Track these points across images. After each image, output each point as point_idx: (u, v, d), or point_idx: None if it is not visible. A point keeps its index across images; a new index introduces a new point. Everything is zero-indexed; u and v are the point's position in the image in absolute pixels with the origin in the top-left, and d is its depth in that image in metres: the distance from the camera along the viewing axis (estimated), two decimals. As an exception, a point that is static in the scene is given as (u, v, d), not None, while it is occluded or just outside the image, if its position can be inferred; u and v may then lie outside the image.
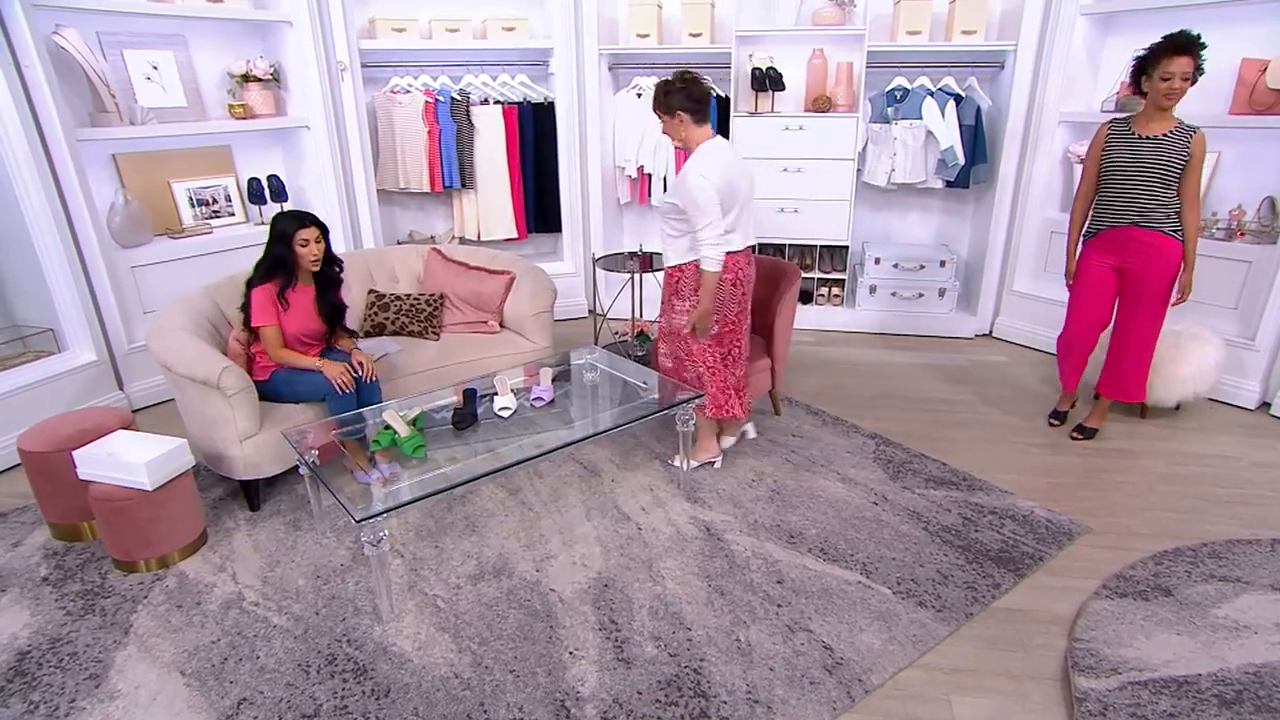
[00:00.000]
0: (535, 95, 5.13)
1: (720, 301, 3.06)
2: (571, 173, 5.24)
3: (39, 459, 2.82)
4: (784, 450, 3.54)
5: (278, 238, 3.05)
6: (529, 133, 5.14)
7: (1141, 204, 3.22)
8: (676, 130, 2.96)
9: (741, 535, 2.90)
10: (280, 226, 3.05)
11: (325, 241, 3.13)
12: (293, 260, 3.06)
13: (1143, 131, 3.18)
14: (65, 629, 2.46)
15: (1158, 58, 3.03)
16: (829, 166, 4.81)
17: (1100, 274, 3.40)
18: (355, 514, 2.24)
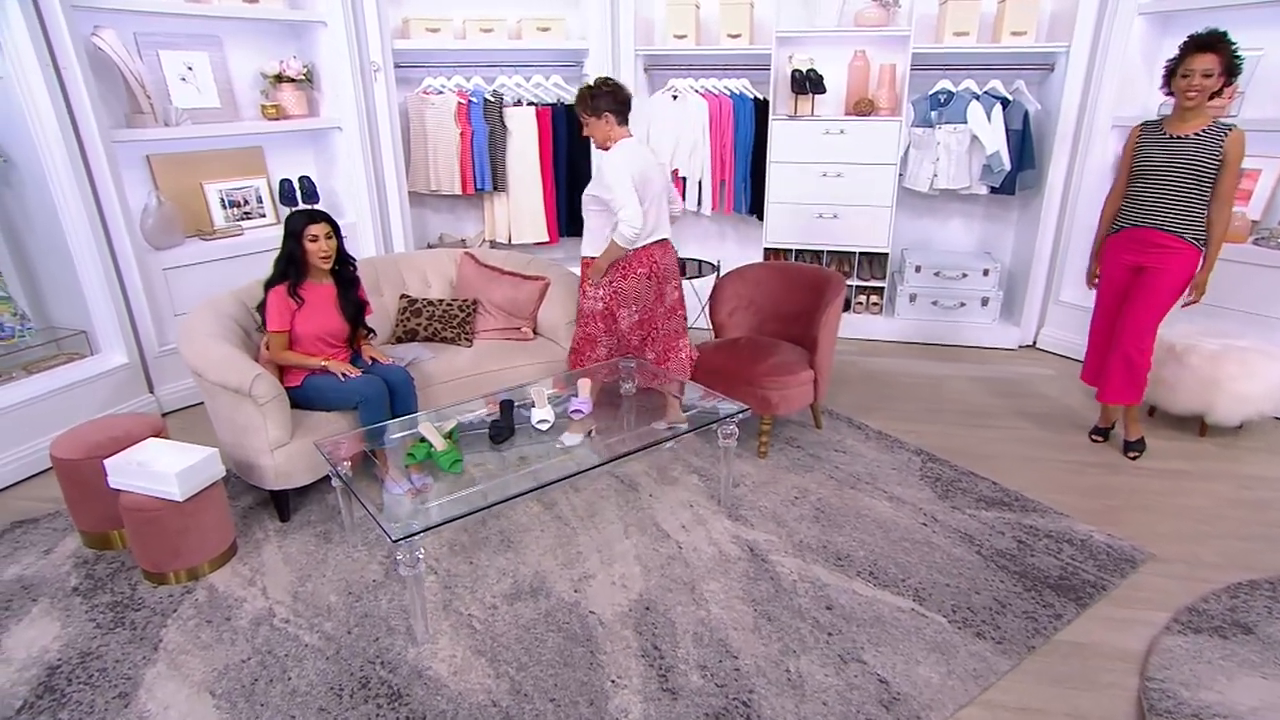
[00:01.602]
0: (569, 97, 5.03)
1: (637, 291, 3.32)
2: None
3: (71, 466, 2.76)
4: (827, 466, 3.42)
5: (288, 234, 3.04)
6: (562, 135, 5.05)
7: (1168, 205, 3.12)
8: (601, 130, 3.19)
9: (786, 556, 2.78)
10: (291, 223, 3.04)
11: (337, 239, 3.08)
12: (302, 256, 3.03)
13: (1174, 131, 3.09)
14: (95, 643, 2.40)
15: (1181, 56, 2.99)
16: (870, 171, 4.67)
17: (1117, 274, 3.33)
18: (392, 533, 2.15)
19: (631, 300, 3.33)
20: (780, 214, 4.90)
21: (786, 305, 3.80)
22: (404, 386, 3.14)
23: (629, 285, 3.30)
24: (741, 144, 4.97)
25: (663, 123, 5.06)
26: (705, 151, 5.00)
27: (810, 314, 3.61)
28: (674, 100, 5.00)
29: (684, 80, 4.95)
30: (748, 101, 4.88)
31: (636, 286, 3.30)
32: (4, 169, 3.51)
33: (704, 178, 5.08)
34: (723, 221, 5.53)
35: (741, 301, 3.85)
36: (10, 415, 3.33)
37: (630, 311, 3.36)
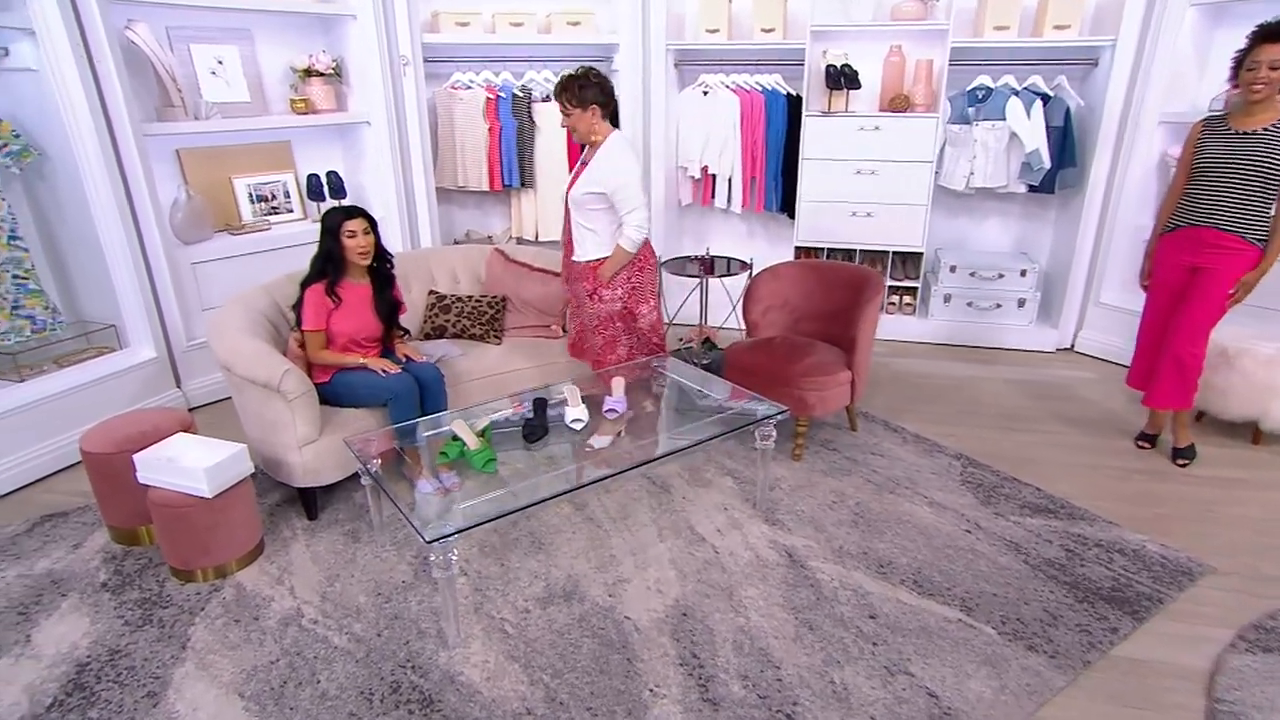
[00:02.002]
0: (598, 93, 4.95)
1: (654, 282, 3.32)
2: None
3: (100, 460, 2.73)
4: (864, 470, 3.32)
5: (326, 232, 2.98)
6: (590, 131, 4.97)
7: (1230, 204, 2.99)
8: (585, 123, 3.06)
9: (826, 563, 2.69)
10: (328, 220, 2.98)
11: (375, 234, 3.03)
12: (340, 254, 2.97)
13: (1240, 126, 2.96)
14: (124, 640, 2.36)
15: (1248, 47, 2.86)
16: (904, 169, 4.56)
17: (1172, 274, 3.19)
18: (425, 534, 2.08)
19: (650, 294, 3.29)
20: (812, 212, 4.80)
21: (822, 304, 3.70)
22: (434, 384, 3.08)
23: (646, 278, 3.26)
24: (773, 141, 4.87)
25: (692, 119, 4.98)
26: (736, 148, 4.90)
27: (847, 313, 3.51)
28: (704, 96, 4.92)
29: (715, 75, 4.86)
30: (780, 97, 4.78)
31: (654, 277, 3.31)
32: (38, 162, 3.49)
33: (734, 175, 4.98)
34: (752, 220, 5.43)
35: (776, 300, 3.76)
36: (41, 409, 3.30)
37: (649, 308, 3.30)
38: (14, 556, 2.78)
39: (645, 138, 5.02)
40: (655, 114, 4.94)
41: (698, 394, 3.19)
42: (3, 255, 3.32)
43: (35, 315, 3.48)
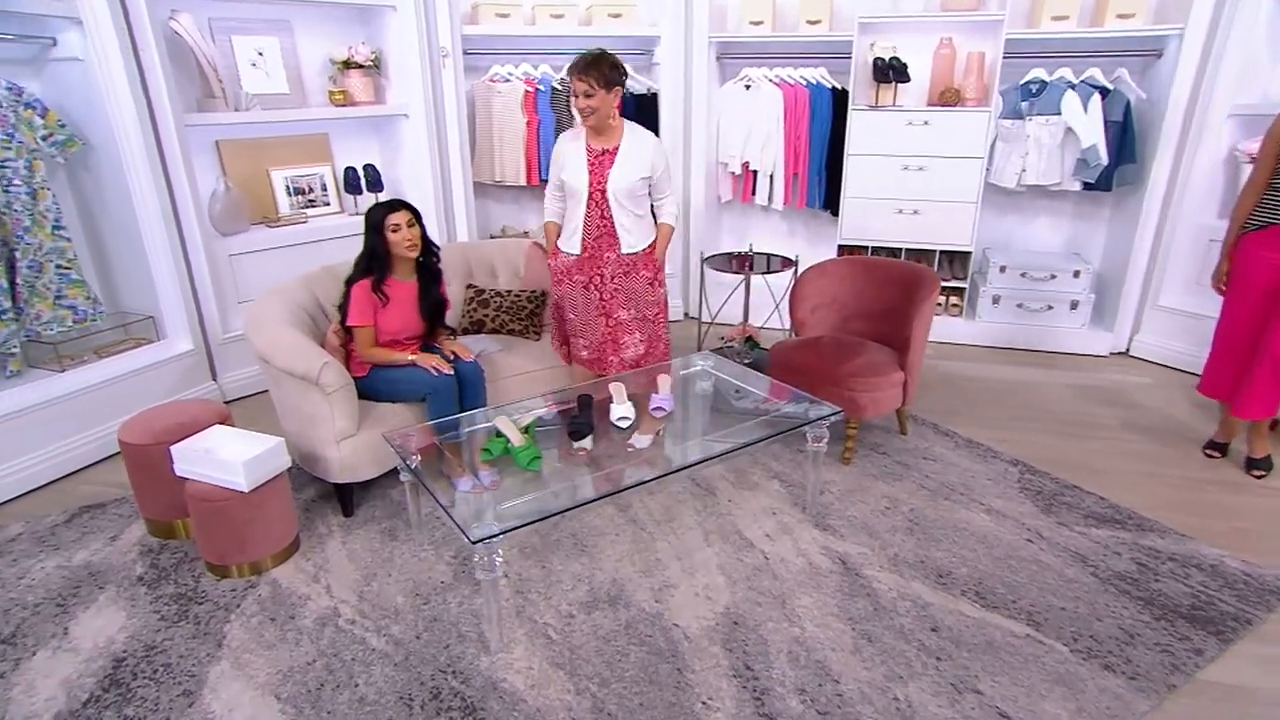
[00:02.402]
0: (638, 86, 4.85)
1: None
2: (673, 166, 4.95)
3: (138, 452, 2.67)
4: (916, 475, 3.18)
5: (370, 228, 2.89)
6: (630, 126, 4.87)
7: None
8: (609, 106, 2.89)
9: (882, 571, 2.55)
10: (371, 216, 2.89)
11: (420, 226, 2.94)
12: (386, 249, 2.88)
13: None
14: (159, 635, 2.29)
15: None
16: (954, 165, 4.40)
17: (1260, 274, 2.98)
18: (470, 534, 1.99)
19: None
20: (857, 209, 4.65)
21: (873, 302, 3.56)
22: (474, 379, 2.99)
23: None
24: (817, 136, 4.73)
25: (733, 113, 4.86)
26: (779, 143, 4.77)
27: (899, 312, 3.37)
28: (746, 90, 4.79)
29: (758, 69, 4.74)
30: (825, 91, 4.64)
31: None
32: (83, 153, 3.46)
33: (776, 171, 4.85)
34: (793, 217, 5.30)
35: (824, 298, 3.63)
36: (81, 399, 3.27)
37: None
38: (53, 547, 2.74)
39: (686, 132, 4.90)
40: (697, 108, 4.83)
41: (745, 393, 3.07)
42: (47, 245, 3.29)
43: (77, 305, 3.44)
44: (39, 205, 3.25)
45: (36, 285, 3.29)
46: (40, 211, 3.26)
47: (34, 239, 3.24)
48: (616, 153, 2.98)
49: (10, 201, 3.16)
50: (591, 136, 3.00)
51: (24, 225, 3.20)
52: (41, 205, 3.26)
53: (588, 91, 2.84)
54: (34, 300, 3.29)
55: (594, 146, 2.99)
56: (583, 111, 2.89)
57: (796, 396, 2.93)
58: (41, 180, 3.25)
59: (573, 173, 2.99)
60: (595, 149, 2.99)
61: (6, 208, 3.15)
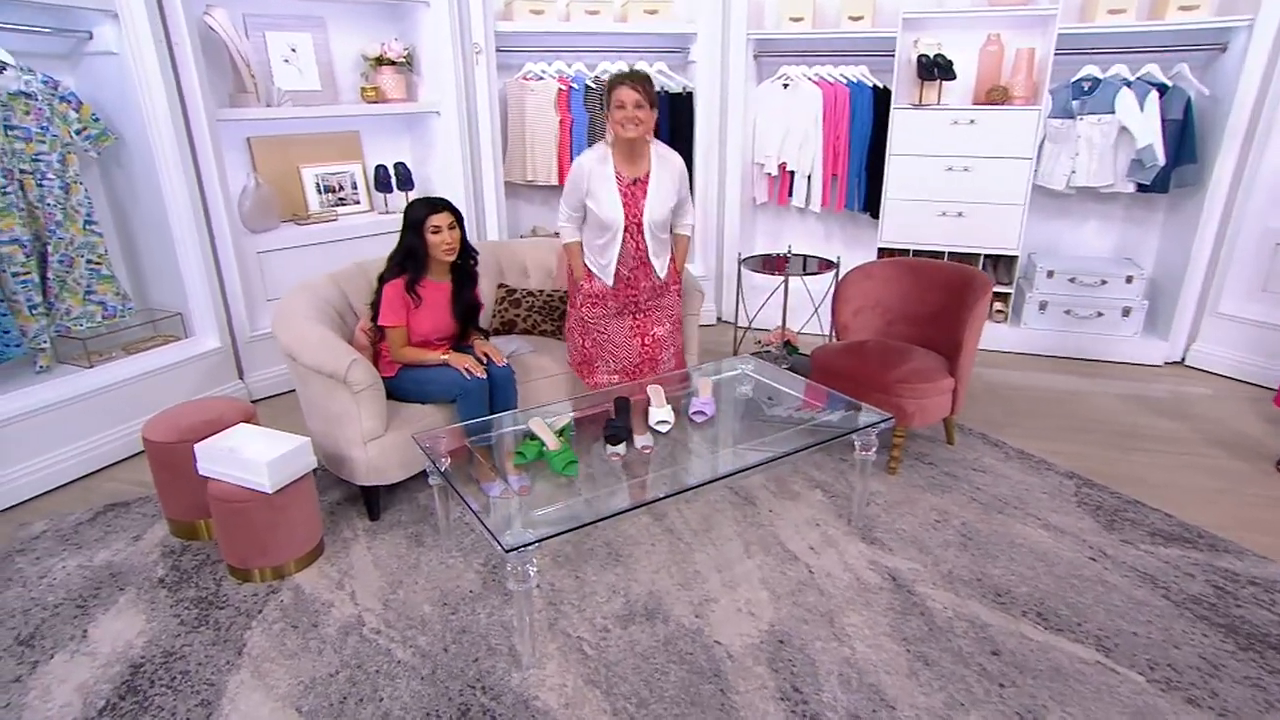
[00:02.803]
0: (673, 85, 4.74)
1: None
2: (708, 169, 4.84)
3: (162, 450, 2.59)
4: (966, 486, 3.01)
5: (409, 226, 2.77)
6: (664, 125, 4.73)
7: None
8: (651, 124, 2.75)
9: (936, 589, 2.39)
10: (411, 214, 2.78)
11: (460, 229, 2.83)
12: (424, 250, 2.77)
13: None
14: (179, 641, 2.19)
15: None
16: (1001, 166, 4.22)
17: None
18: (503, 542, 1.86)
19: None
20: (898, 211, 4.48)
21: (919, 306, 3.40)
22: (505, 381, 2.88)
23: None
24: (857, 136, 4.58)
25: (770, 113, 4.72)
26: (817, 144, 4.63)
27: (948, 316, 3.20)
28: (784, 89, 4.66)
29: (796, 67, 4.60)
30: (866, 90, 4.49)
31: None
32: (115, 148, 3.42)
33: (814, 172, 4.70)
34: (829, 220, 5.14)
35: (868, 301, 3.47)
36: (107, 395, 3.21)
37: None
38: (75, 546, 2.66)
39: (721, 133, 4.78)
40: (733, 108, 4.70)
41: (788, 398, 2.93)
42: (78, 240, 3.24)
43: (107, 301, 3.39)
44: (71, 199, 3.20)
45: (67, 280, 3.24)
46: (72, 206, 3.21)
47: (66, 233, 3.19)
48: (648, 181, 2.81)
49: (44, 195, 3.11)
50: (620, 161, 2.79)
51: (56, 220, 3.15)
52: (74, 200, 3.21)
53: (639, 103, 2.66)
54: (64, 295, 3.24)
55: (624, 174, 2.79)
56: (628, 123, 2.67)
57: (844, 402, 2.78)
58: (74, 175, 3.20)
59: (604, 204, 2.78)
60: (625, 177, 2.79)
61: (40, 201, 3.10)
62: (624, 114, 2.67)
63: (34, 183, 3.07)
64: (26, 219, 3.06)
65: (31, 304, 3.10)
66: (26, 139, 3.03)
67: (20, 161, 3.02)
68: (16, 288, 3.05)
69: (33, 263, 3.10)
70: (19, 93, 2.98)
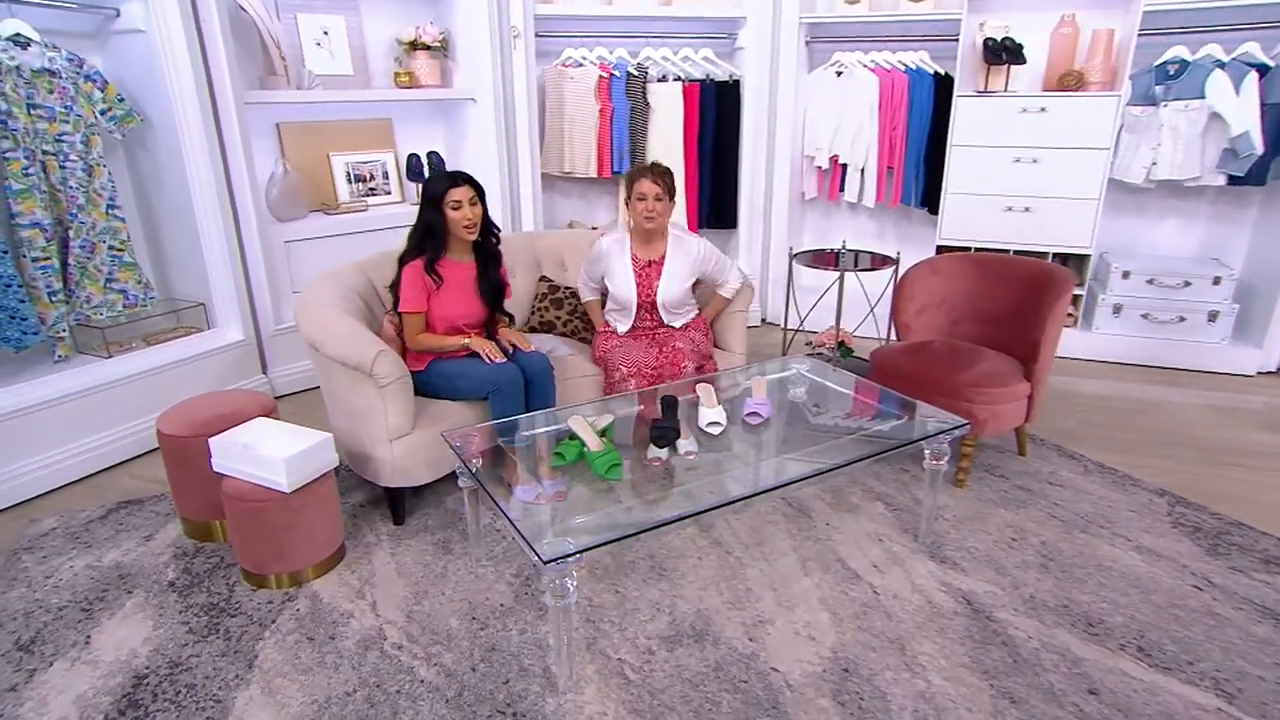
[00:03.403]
0: (719, 73, 4.56)
1: None
2: (756, 161, 4.64)
3: (176, 444, 2.46)
4: (1042, 501, 2.76)
5: (427, 201, 2.65)
6: (710, 116, 4.57)
7: None
8: (668, 216, 2.92)
9: (1018, 615, 2.16)
10: (430, 188, 2.65)
11: (482, 205, 2.69)
12: (443, 227, 2.64)
13: None
14: (186, 651, 2.05)
15: None
16: (1073, 157, 3.97)
17: None
18: (541, 552, 1.68)
19: None
20: (960, 206, 4.25)
21: (988, 304, 3.17)
22: (542, 376, 2.72)
23: None
24: (915, 126, 4.36)
25: (822, 103, 4.52)
26: (872, 135, 4.42)
27: (1022, 316, 2.97)
28: (837, 77, 4.46)
29: (851, 53, 4.40)
30: (926, 77, 4.27)
31: None
32: (140, 131, 3.33)
33: (868, 165, 4.49)
34: (883, 217, 4.91)
35: (933, 299, 3.24)
36: (126, 387, 3.11)
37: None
38: (85, 545, 2.55)
39: (770, 124, 4.58)
40: (783, 97, 4.51)
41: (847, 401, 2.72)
42: (100, 225, 3.16)
43: (128, 290, 3.30)
44: (94, 182, 3.12)
45: (88, 267, 3.15)
46: (95, 189, 3.12)
47: (88, 218, 3.10)
48: (663, 262, 2.96)
49: (66, 178, 3.02)
50: (637, 245, 2.98)
51: (78, 203, 3.06)
52: (97, 183, 3.12)
53: (659, 195, 2.83)
54: (85, 282, 3.15)
55: (639, 256, 2.98)
56: (646, 214, 2.85)
57: (913, 406, 2.57)
58: (98, 156, 3.11)
59: (619, 283, 2.97)
60: (641, 259, 2.98)
61: (62, 184, 3.02)
62: (644, 205, 2.85)
63: (56, 164, 2.99)
64: (48, 202, 2.98)
65: (51, 290, 3.01)
66: (50, 119, 2.95)
67: (43, 142, 2.94)
68: (36, 273, 2.97)
69: (53, 248, 3.01)
70: (43, 70, 2.91)
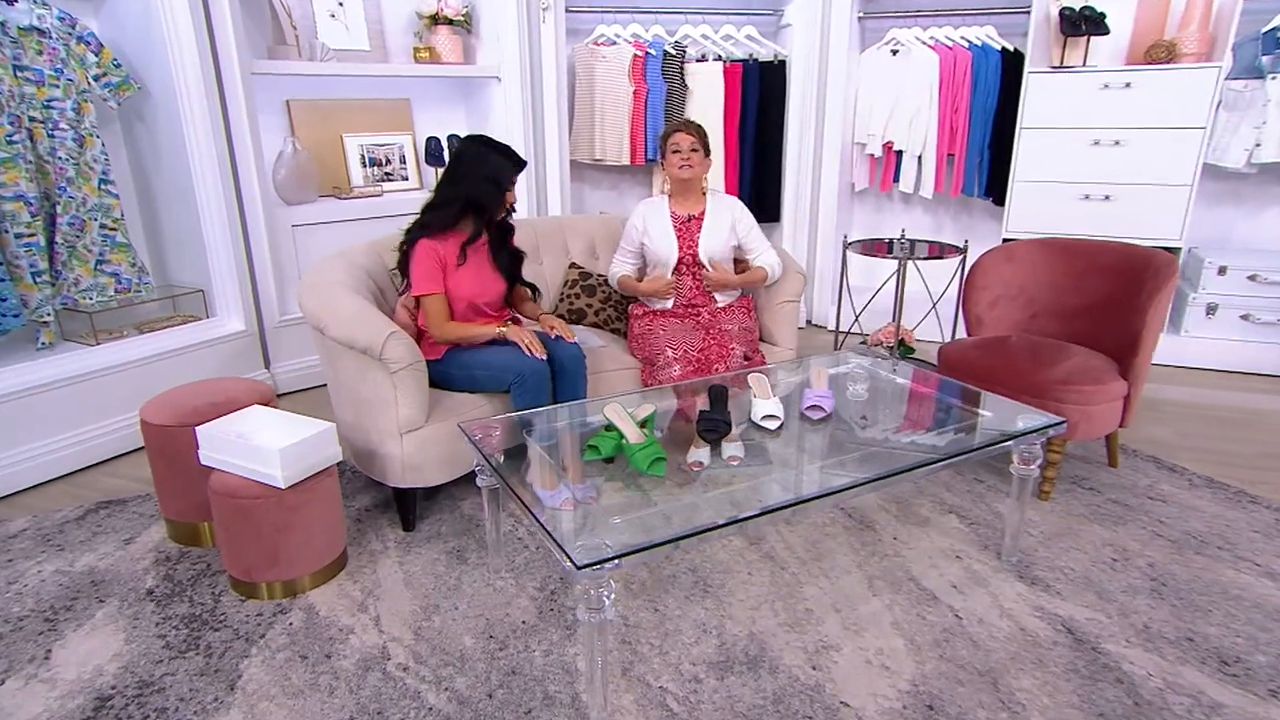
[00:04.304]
0: (764, 52, 4.39)
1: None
2: (802, 149, 4.44)
3: (161, 435, 2.29)
4: (1143, 518, 2.50)
5: (485, 176, 2.46)
6: (752, 98, 4.40)
7: None
8: (703, 171, 2.93)
9: (1131, 647, 1.90)
10: (491, 162, 2.47)
11: None
12: (498, 206, 2.52)
13: None
14: (160, 669, 1.86)
15: None
16: (1163, 138, 3.71)
17: None
18: (575, 556, 1.47)
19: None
20: (1030, 195, 4.00)
21: (1074, 296, 2.93)
22: (573, 365, 2.52)
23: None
24: (979, 108, 4.14)
25: (875, 84, 4.33)
26: (931, 119, 4.21)
27: (1116, 308, 2.74)
28: (893, 56, 4.27)
29: (909, 30, 4.20)
30: (993, 54, 4.06)
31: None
32: (138, 101, 3.22)
33: (926, 151, 4.29)
34: (939, 209, 4.69)
35: (1008, 289, 3.01)
36: (115, 378, 2.96)
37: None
38: (57, 548, 2.38)
39: (819, 109, 4.38)
40: (833, 79, 4.31)
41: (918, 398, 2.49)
42: (91, 201, 3.03)
43: (121, 273, 3.17)
44: (86, 154, 2.99)
45: (77, 246, 3.02)
46: (87, 161, 3.00)
47: (77, 192, 2.98)
48: (703, 217, 2.96)
49: (55, 148, 2.90)
50: (675, 203, 2.99)
51: (67, 175, 2.94)
52: (88, 154, 3.00)
53: (694, 146, 2.86)
54: (73, 263, 3.02)
55: (678, 214, 2.97)
56: (679, 169, 2.89)
57: (993, 403, 2.33)
58: (90, 126, 2.99)
59: (658, 239, 2.94)
60: (680, 215, 2.97)
61: (50, 155, 2.90)
62: (679, 157, 2.88)
63: (44, 133, 2.87)
64: (34, 173, 2.85)
65: (35, 271, 2.88)
66: (38, 82, 2.83)
67: (30, 108, 2.82)
68: (19, 251, 2.83)
69: (39, 224, 2.88)
70: (31, 28, 2.79)
